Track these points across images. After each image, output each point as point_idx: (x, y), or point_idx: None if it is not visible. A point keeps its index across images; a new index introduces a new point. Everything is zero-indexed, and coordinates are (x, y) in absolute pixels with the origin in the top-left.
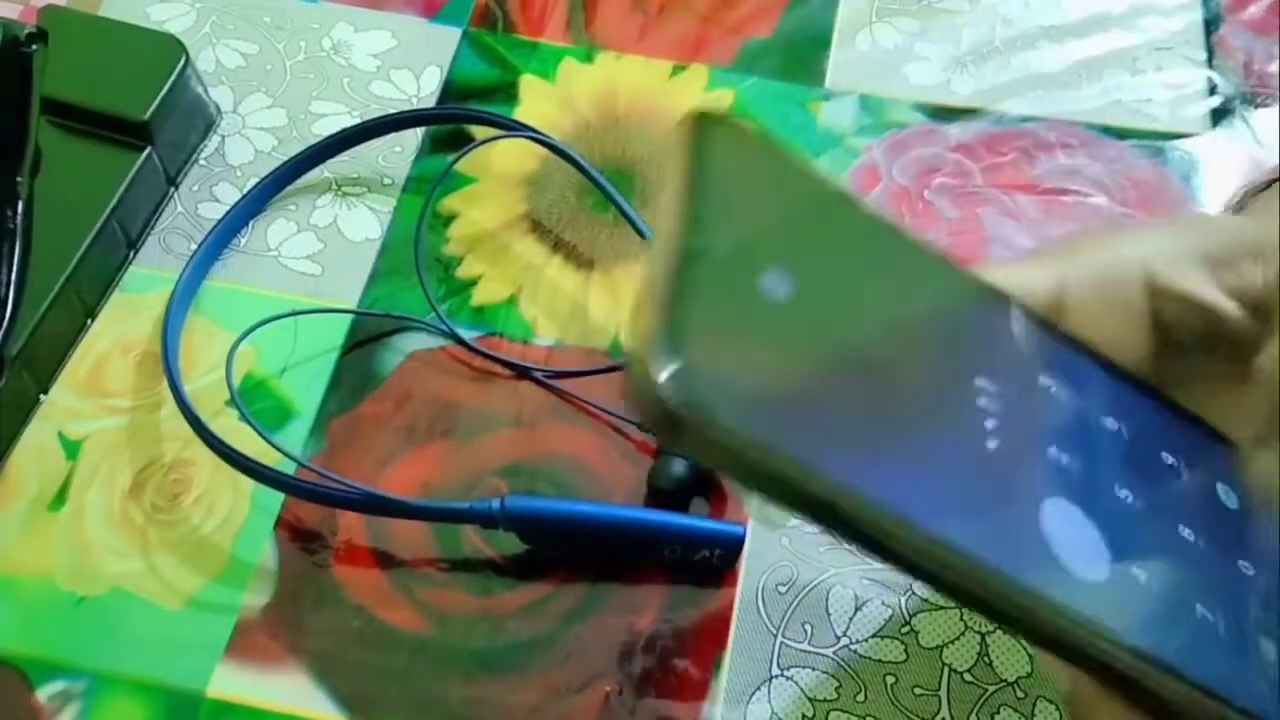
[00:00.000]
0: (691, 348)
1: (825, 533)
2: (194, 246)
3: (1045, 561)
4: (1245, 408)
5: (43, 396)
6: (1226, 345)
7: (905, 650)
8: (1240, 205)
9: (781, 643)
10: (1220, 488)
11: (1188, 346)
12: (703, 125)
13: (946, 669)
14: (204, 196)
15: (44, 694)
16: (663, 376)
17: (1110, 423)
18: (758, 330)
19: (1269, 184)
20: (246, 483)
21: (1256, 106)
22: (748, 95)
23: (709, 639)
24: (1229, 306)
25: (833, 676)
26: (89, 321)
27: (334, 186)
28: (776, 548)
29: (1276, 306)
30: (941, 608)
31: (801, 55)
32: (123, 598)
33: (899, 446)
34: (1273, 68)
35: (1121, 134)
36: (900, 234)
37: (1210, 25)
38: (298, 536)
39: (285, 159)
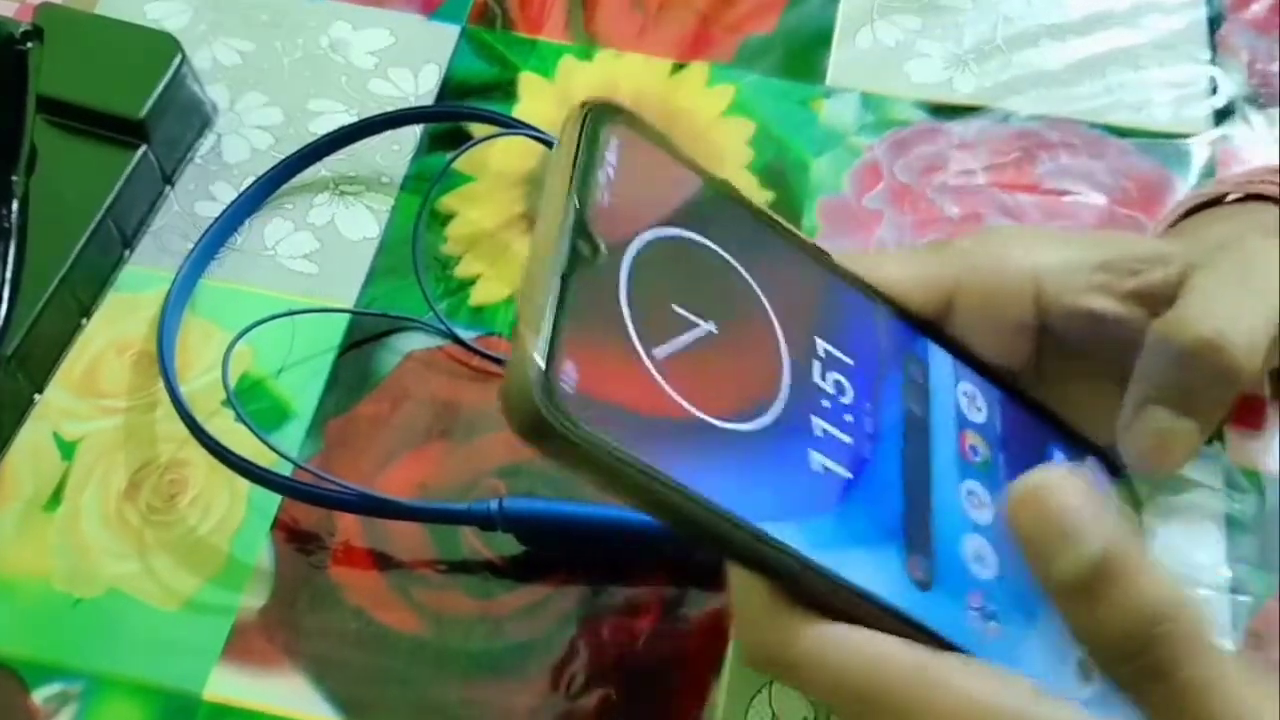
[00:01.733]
0: (563, 362)
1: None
2: (190, 245)
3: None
4: (1136, 372)
5: (38, 396)
6: (1111, 345)
7: None
8: (1172, 224)
9: None
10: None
11: (1070, 348)
12: (592, 116)
13: None
14: (200, 195)
15: (40, 696)
16: (535, 390)
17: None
18: (623, 336)
19: (1197, 207)
20: (243, 483)
21: (1259, 106)
22: (748, 93)
23: (709, 640)
24: (1121, 309)
25: None
26: (84, 321)
27: (331, 185)
28: None
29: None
30: None
31: (802, 52)
32: (119, 599)
33: (742, 447)
34: (1275, 67)
35: (1123, 133)
36: (777, 227)
37: (1213, 24)
38: (295, 538)
39: (282, 157)
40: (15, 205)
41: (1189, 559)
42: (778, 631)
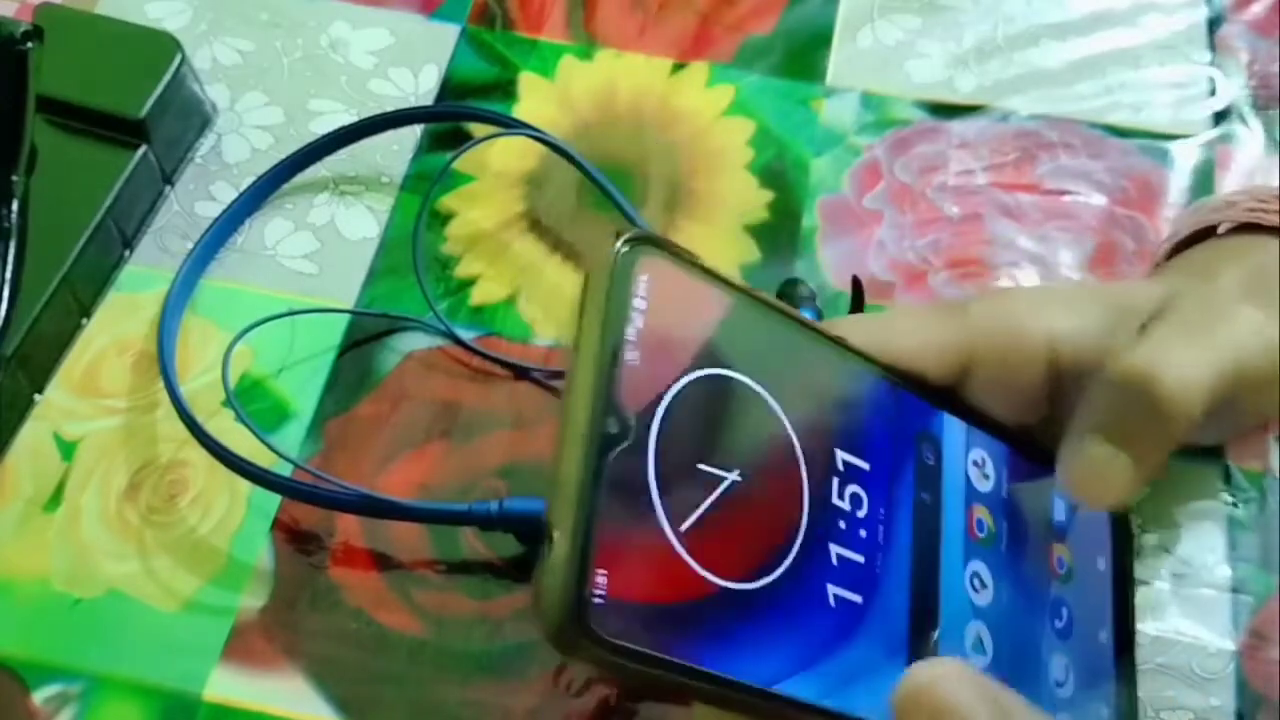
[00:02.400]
0: (593, 572)
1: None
2: (190, 245)
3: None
4: (1080, 404)
5: (38, 397)
6: None
7: None
8: (1166, 256)
9: None
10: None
11: (1074, 404)
12: (627, 253)
13: None
14: (200, 195)
15: (40, 696)
16: (565, 609)
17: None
18: (652, 521)
19: (1189, 238)
20: (243, 484)
21: (1258, 107)
22: (748, 92)
23: None
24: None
25: None
26: (84, 321)
27: (331, 185)
28: None
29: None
30: None
31: (802, 52)
32: (119, 600)
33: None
34: (1274, 68)
35: (1123, 134)
36: (796, 326)
37: (1213, 24)
38: (294, 538)
39: (282, 157)
40: (15, 205)
41: (1190, 559)
42: None
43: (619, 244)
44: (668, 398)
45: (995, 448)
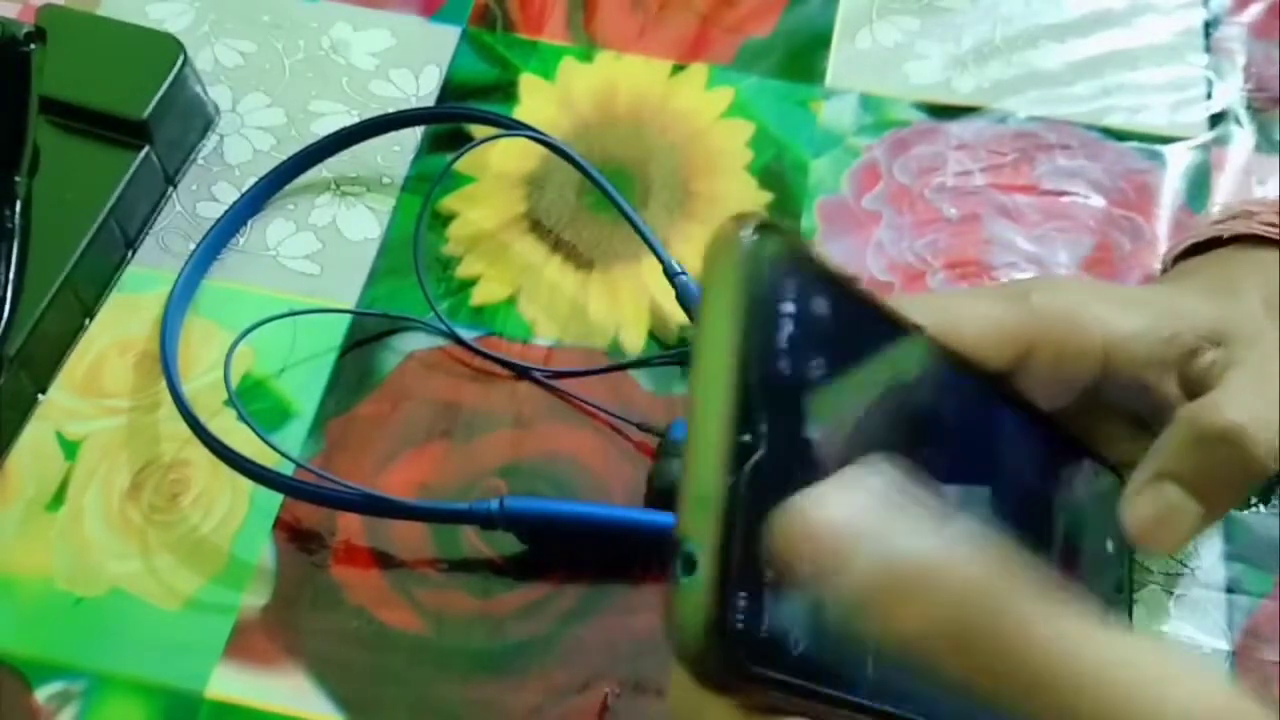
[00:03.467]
0: (744, 594)
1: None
2: (192, 246)
3: None
4: (1155, 446)
5: (41, 396)
6: (1149, 414)
7: None
8: (1170, 264)
9: None
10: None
11: (1111, 405)
12: (753, 246)
13: None
14: (202, 196)
15: (42, 694)
16: (716, 638)
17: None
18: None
19: (1196, 245)
20: (245, 483)
21: (1254, 110)
22: (747, 94)
23: None
24: (1172, 389)
25: None
26: (87, 321)
27: (333, 186)
28: None
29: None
30: None
31: (802, 54)
32: (121, 598)
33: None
34: (1271, 71)
35: (1120, 136)
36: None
37: (1210, 27)
38: (296, 537)
39: (284, 158)
40: (18, 206)
41: (1185, 559)
42: None
43: (748, 232)
44: (803, 400)
45: (1028, 427)
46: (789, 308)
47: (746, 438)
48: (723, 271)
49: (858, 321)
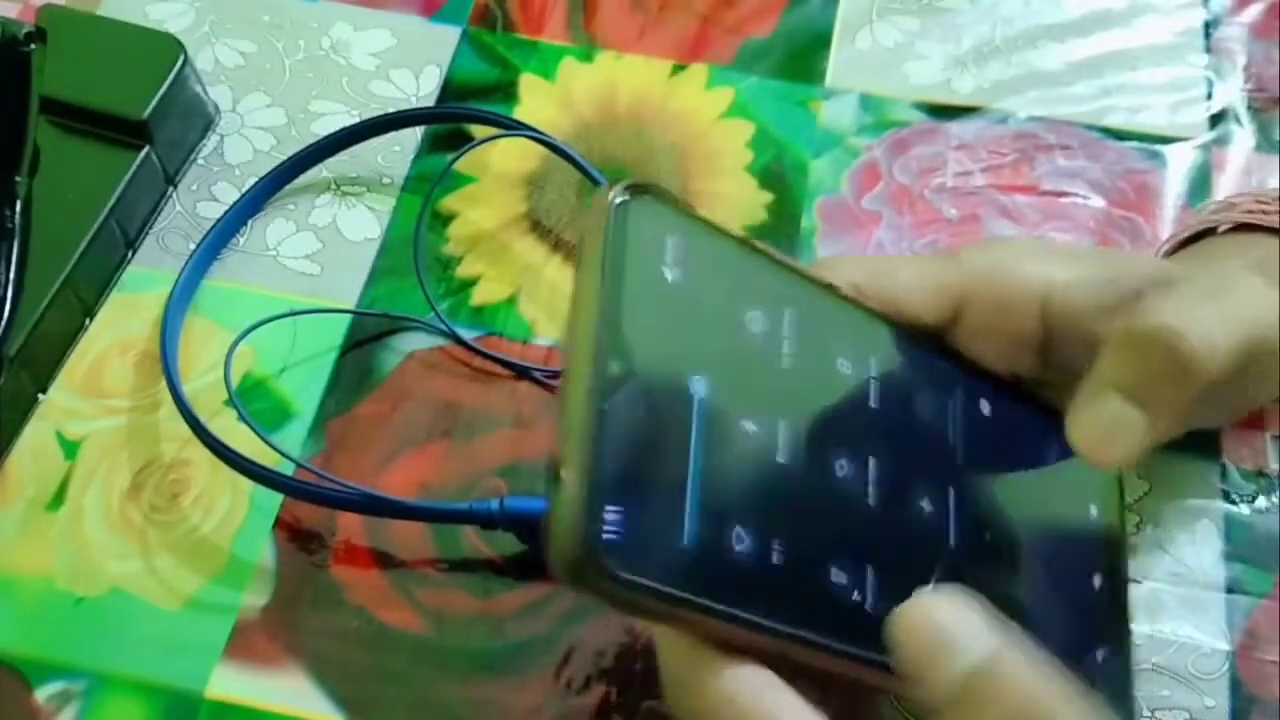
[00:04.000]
0: (615, 508)
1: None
2: (193, 246)
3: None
4: (1095, 363)
5: (41, 396)
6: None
7: None
8: (1169, 253)
9: None
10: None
11: (1072, 362)
12: (622, 203)
13: None
14: (203, 196)
15: (42, 694)
16: (586, 545)
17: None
18: (676, 468)
19: (1192, 237)
20: (245, 483)
21: (1255, 110)
22: (747, 95)
23: None
24: (1120, 320)
25: None
26: (87, 321)
27: (333, 186)
28: None
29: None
30: None
31: (802, 54)
32: (121, 598)
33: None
34: (1271, 71)
35: (1120, 136)
36: (798, 275)
37: (1210, 27)
38: (296, 537)
39: (284, 158)
40: (18, 206)
41: (1185, 558)
42: (697, 679)
43: (617, 189)
44: (670, 339)
45: (983, 390)
46: (661, 257)
47: (615, 368)
48: (591, 227)
49: (749, 274)
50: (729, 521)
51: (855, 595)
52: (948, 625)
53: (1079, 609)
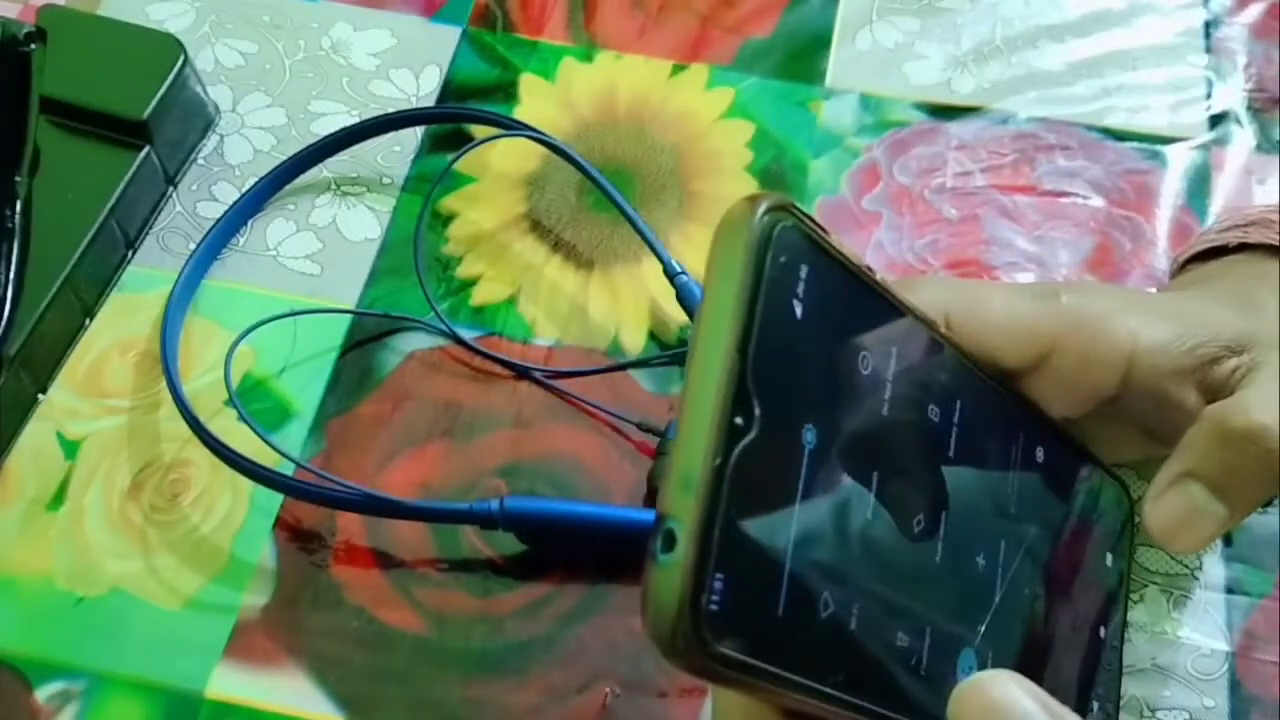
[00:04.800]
0: (721, 576)
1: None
2: (193, 246)
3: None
4: (1180, 446)
5: (41, 396)
6: (1169, 424)
7: None
8: (1177, 269)
9: None
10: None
11: (1129, 414)
12: (766, 226)
13: None
14: (203, 196)
15: (43, 694)
16: (693, 617)
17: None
18: (780, 530)
19: (1205, 251)
20: (245, 483)
21: (1254, 111)
22: (747, 95)
23: None
24: (1195, 399)
25: None
26: (87, 321)
27: (333, 186)
28: None
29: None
30: None
31: (802, 54)
32: (122, 598)
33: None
34: (1271, 71)
35: (1120, 136)
36: (919, 322)
37: (1210, 27)
38: (297, 537)
39: (284, 158)
40: (19, 206)
41: (1186, 559)
42: None
43: (759, 213)
44: (801, 387)
45: (1038, 434)
46: (795, 291)
47: (739, 420)
48: (730, 250)
49: (866, 310)
50: (819, 588)
51: (914, 659)
52: (1009, 704)
53: (1086, 663)
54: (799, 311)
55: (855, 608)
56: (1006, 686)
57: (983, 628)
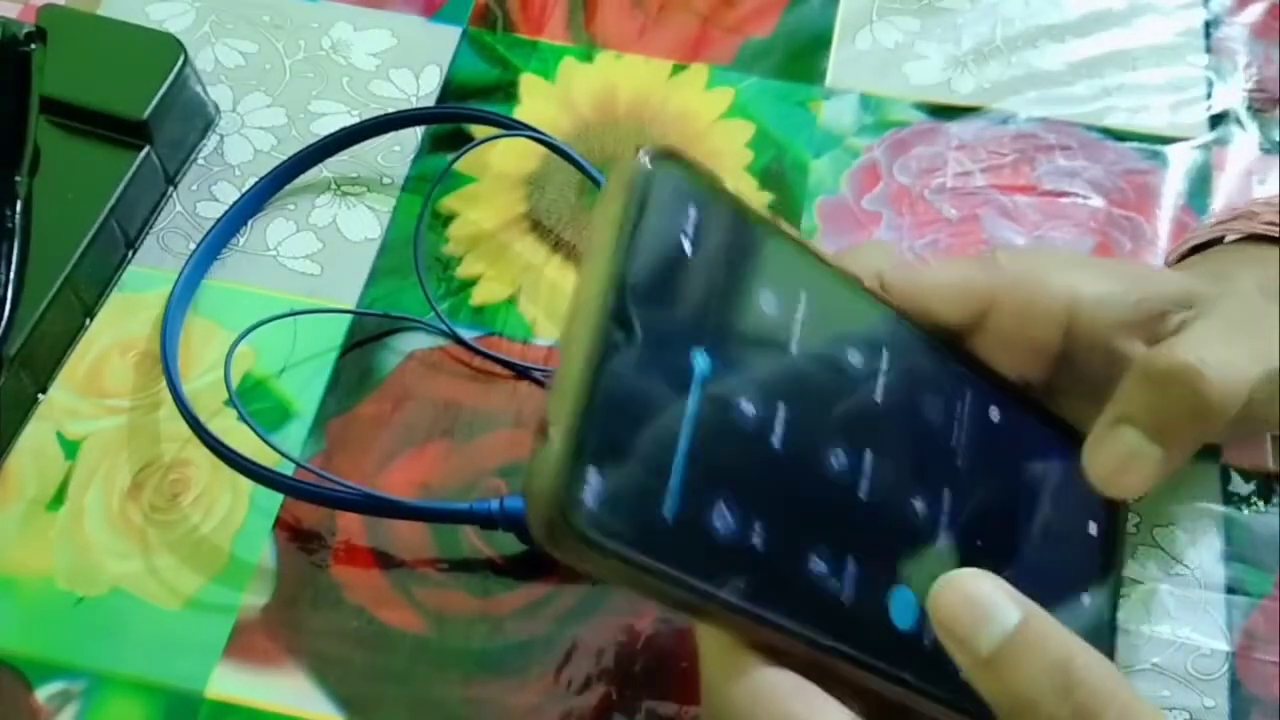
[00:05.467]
0: (597, 471)
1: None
2: (193, 246)
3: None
4: (1115, 394)
5: (41, 396)
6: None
7: None
8: (1177, 260)
9: None
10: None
11: (1085, 375)
12: (649, 167)
13: None
14: (203, 196)
15: (43, 694)
16: (563, 506)
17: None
18: (666, 440)
19: (1204, 243)
20: (245, 483)
21: (1255, 111)
22: (748, 95)
23: None
24: (1141, 353)
25: None
26: (87, 321)
27: (333, 186)
28: None
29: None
30: None
31: (802, 54)
32: (122, 598)
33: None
34: (1272, 72)
35: (1120, 136)
36: (818, 262)
37: (1210, 26)
38: (296, 537)
39: (284, 158)
40: (19, 206)
41: (1185, 558)
42: (727, 680)
43: (642, 158)
44: (679, 310)
45: (993, 396)
46: (682, 228)
47: (617, 335)
48: (613, 188)
49: (767, 255)
50: (713, 499)
51: (833, 585)
52: (986, 595)
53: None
54: (688, 248)
55: (758, 525)
56: (982, 580)
57: (923, 571)
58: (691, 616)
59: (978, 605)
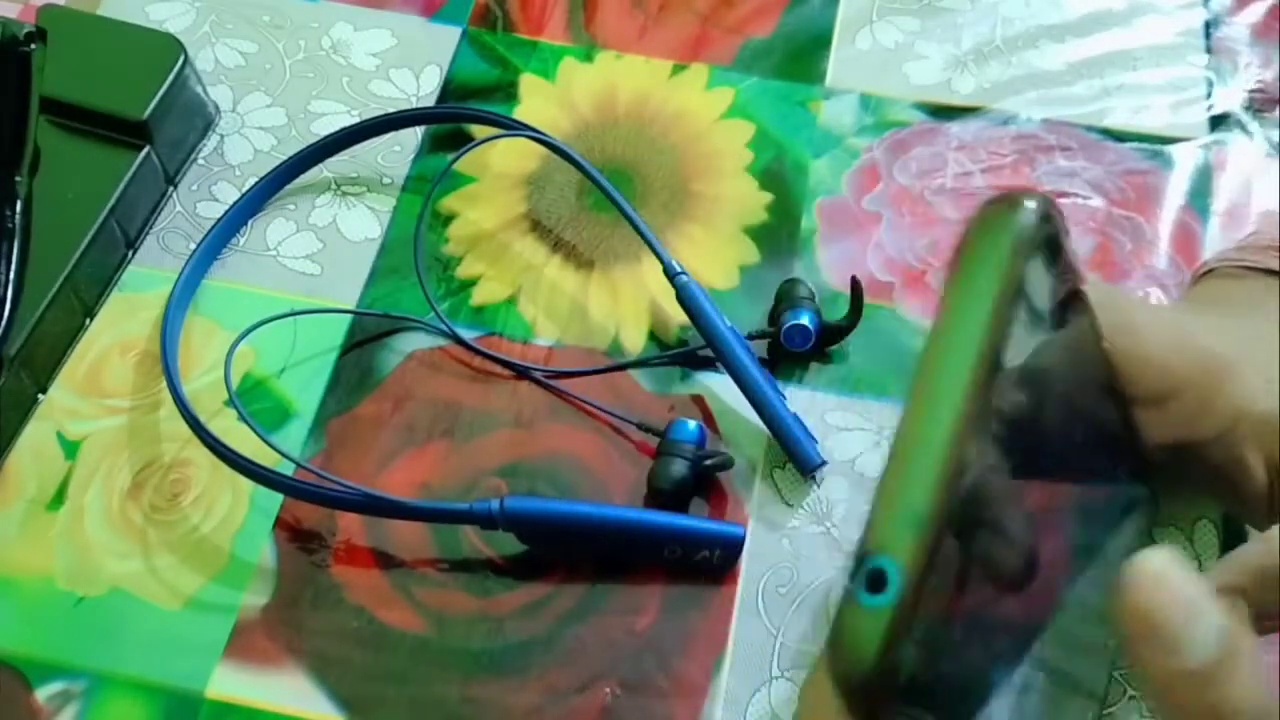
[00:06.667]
0: (923, 625)
1: None
2: (193, 246)
3: None
4: (1233, 555)
5: (41, 396)
6: (1221, 482)
7: None
8: (1193, 281)
9: (781, 643)
10: None
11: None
12: (1031, 225)
13: None
14: (203, 196)
15: (43, 694)
16: (887, 668)
17: None
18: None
19: (1217, 267)
20: (245, 483)
21: (1255, 111)
22: (747, 95)
23: (709, 640)
24: (1256, 467)
25: None
26: (88, 321)
27: (333, 186)
28: (777, 548)
29: None
30: None
31: (802, 54)
32: (122, 598)
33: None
34: (1272, 72)
35: (1120, 137)
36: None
37: (1211, 27)
38: (297, 537)
39: (284, 158)
40: (19, 206)
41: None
42: None
43: (1027, 218)
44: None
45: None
46: (1032, 294)
47: (972, 449)
48: (990, 255)
49: (1064, 314)
50: (970, 637)
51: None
52: (1190, 588)
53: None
54: (1024, 317)
55: (993, 657)
56: (1166, 560)
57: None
58: None
59: (1185, 603)
